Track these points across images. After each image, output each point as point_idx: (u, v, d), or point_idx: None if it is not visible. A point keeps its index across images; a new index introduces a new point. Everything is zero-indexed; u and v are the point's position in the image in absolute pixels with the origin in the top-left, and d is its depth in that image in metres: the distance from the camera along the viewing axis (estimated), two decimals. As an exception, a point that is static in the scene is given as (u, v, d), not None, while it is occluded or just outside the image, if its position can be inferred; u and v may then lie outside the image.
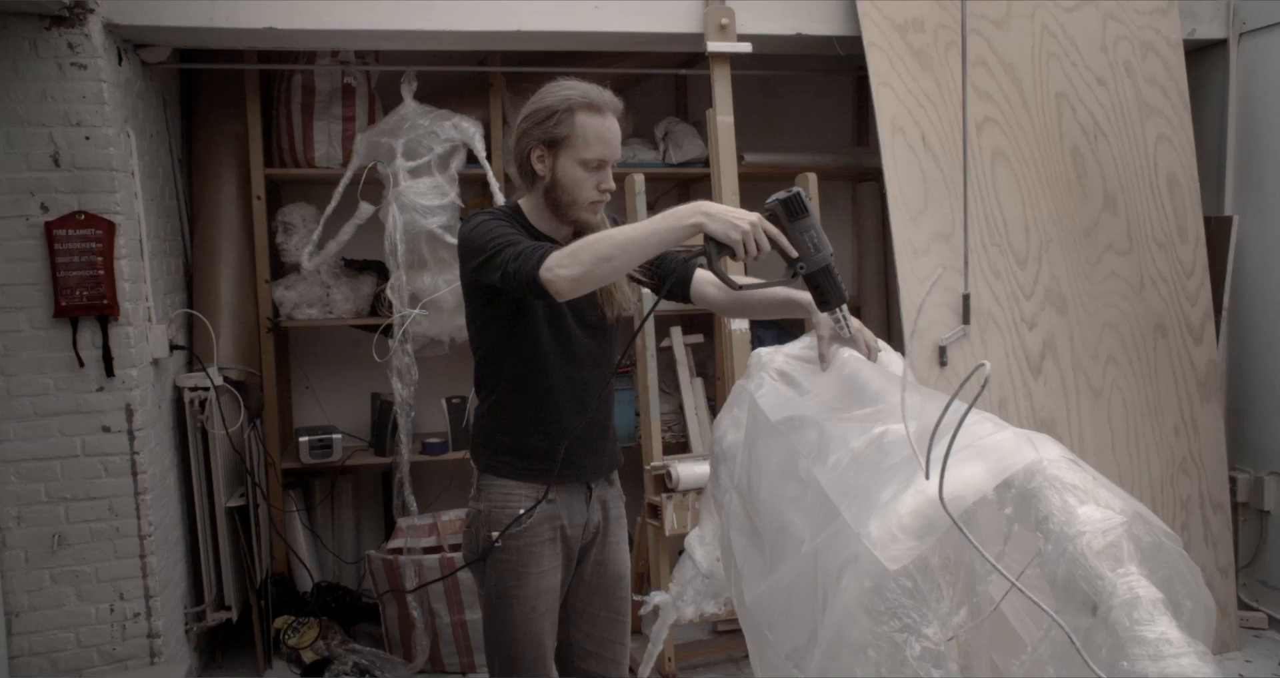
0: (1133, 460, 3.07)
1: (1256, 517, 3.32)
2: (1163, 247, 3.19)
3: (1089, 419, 3.05)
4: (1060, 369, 3.06)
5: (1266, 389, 3.29)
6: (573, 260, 1.59)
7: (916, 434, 1.36)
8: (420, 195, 3.20)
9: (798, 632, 1.32)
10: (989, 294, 3.04)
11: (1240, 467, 3.34)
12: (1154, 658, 0.93)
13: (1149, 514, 1.16)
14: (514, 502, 1.85)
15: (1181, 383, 3.15)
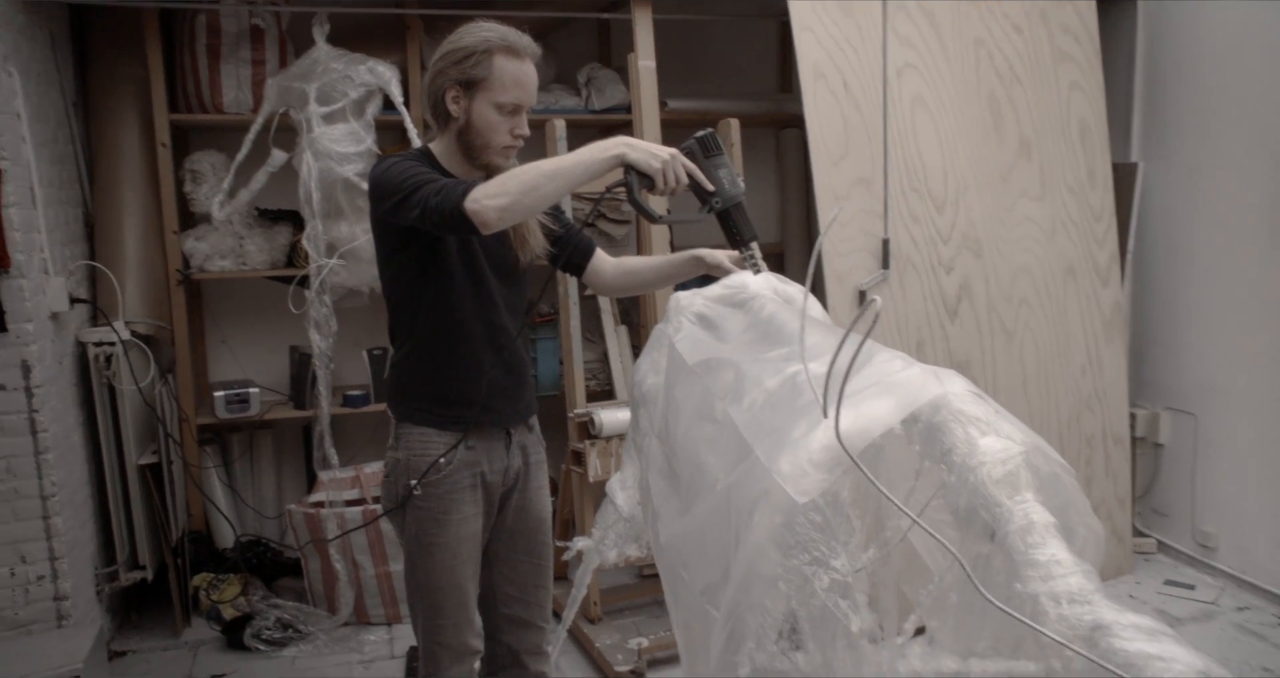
0: (1043, 399, 3.18)
1: (1152, 450, 3.48)
2: (1074, 192, 3.27)
3: (1002, 360, 3.15)
4: (976, 312, 3.13)
5: (1164, 330, 3.43)
6: (500, 191, 1.57)
7: (826, 372, 1.38)
8: (335, 142, 3.10)
9: (711, 569, 1.34)
10: (908, 239, 3.08)
11: (1139, 404, 3.49)
12: (1044, 579, 0.97)
13: (1046, 447, 1.20)
14: (432, 449, 1.83)
15: (1089, 324, 3.25)
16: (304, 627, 3.01)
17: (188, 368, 3.29)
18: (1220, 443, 3.25)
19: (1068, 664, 0.92)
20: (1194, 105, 3.30)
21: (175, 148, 3.29)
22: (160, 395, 3.09)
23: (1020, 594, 0.98)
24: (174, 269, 3.26)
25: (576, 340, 3.01)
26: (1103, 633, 0.89)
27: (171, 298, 3.27)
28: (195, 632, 3.07)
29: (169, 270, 3.26)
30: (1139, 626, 0.87)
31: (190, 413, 3.25)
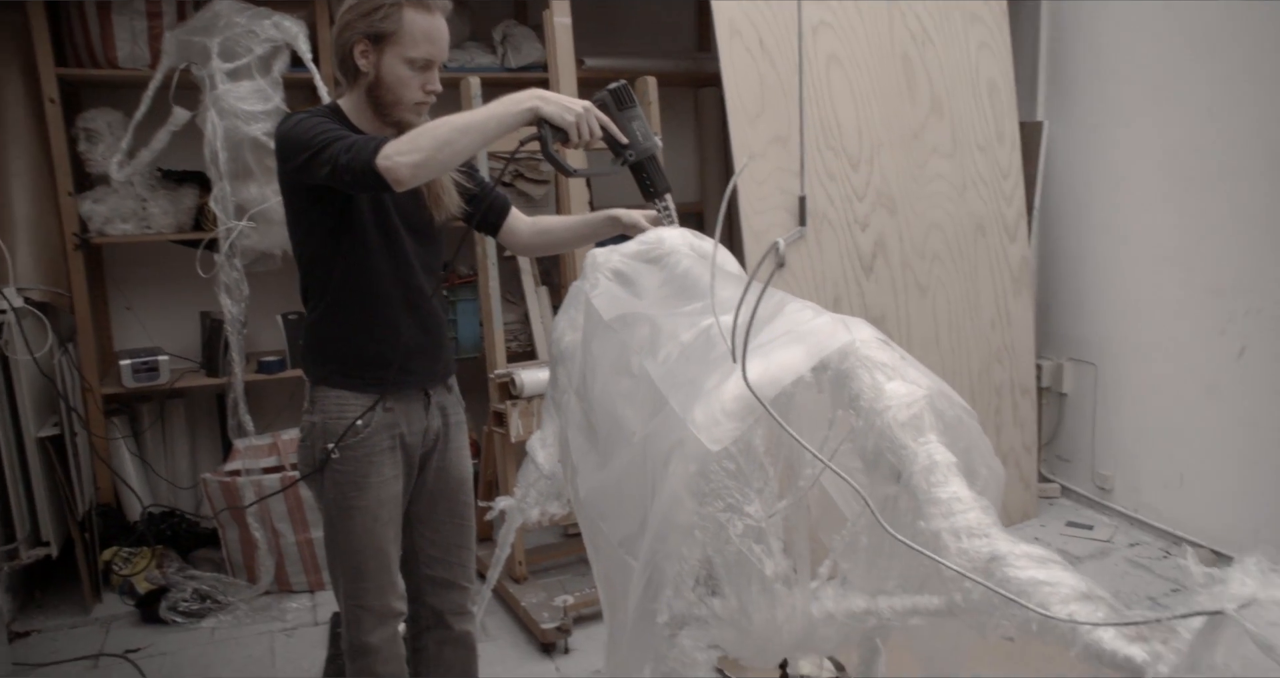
0: (955, 352, 3.28)
1: (1057, 399, 3.62)
2: (983, 150, 3.35)
3: (916, 315, 3.22)
4: (890, 268, 3.20)
5: (1069, 283, 3.56)
6: (412, 146, 1.54)
7: (739, 323, 1.40)
8: (241, 100, 2.99)
9: (629, 520, 1.35)
10: (824, 196, 3.12)
11: (1045, 355, 3.62)
12: (946, 515, 1.00)
13: (950, 391, 1.24)
14: (349, 412, 1.80)
15: (998, 279, 3.35)
16: (223, 597, 2.96)
17: (90, 336, 3.16)
18: (1118, 391, 3.40)
19: (967, 595, 0.96)
20: (1095, 66, 3.40)
21: (66, 105, 3.12)
22: (60, 365, 2.97)
23: (924, 531, 1.02)
24: (70, 233, 3.12)
25: (496, 301, 2.99)
26: (998, 563, 0.92)
27: (69, 263, 3.13)
28: (107, 608, 2.99)
29: (65, 234, 3.12)
30: (1030, 555, 0.91)
31: (94, 383, 3.13)
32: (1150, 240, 3.24)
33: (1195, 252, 3.08)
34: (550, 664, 2.60)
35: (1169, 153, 3.14)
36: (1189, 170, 3.08)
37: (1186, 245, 3.11)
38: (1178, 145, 3.11)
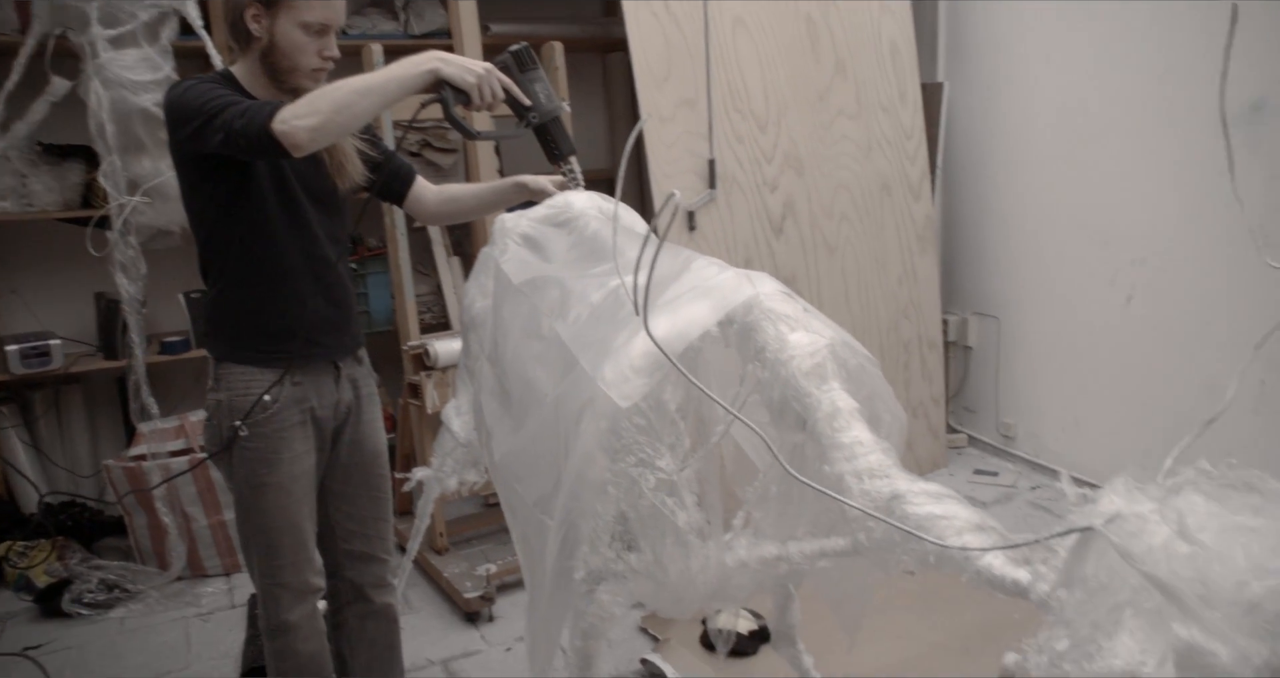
0: (864, 309, 3.35)
1: (962, 353, 3.75)
2: (886, 111, 3.41)
3: (826, 274, 3.29)
4: (800, 228, 3.25)
5: (971, 240, 3.67)
6: (310, 110, 1.49)
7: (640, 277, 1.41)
8: (127, 69, 2.85)
9: (544, 480, 1.36)
10: (733, 159, 3.14)
11: (950, 310, 3.74)
12: (849, 459, 1.03)
13: (853, 341, 1.27)
14: (256, 388, 1.76)
15: (904, 237, 3.44)
16: (132, 586, 2.87)
17: (-28, 322, 3.01)
18: (1018, 343, 3.53)
19: (870, 534, 0.99)
20: (991, 28, 3.49)
21: (-71, 73, 2.94)
22: (-60, 353, 2.82)
23: (828, 475, 1.05)
24: (-57, 213, 2.95)
25: (407, 272, 2.94)
26: (898, 501, 0.96)
27: (-56, 245, 2.96)
28: (4, 603, 2.87)
29: (-65, 214, 2.95)
30: (928, 492, 0.95)
31: (-21, 370, 2.98)
32: (1045, 197, 3.36)
33: (1085, 206, 3.21)
34: (475, 633, 2.61)
35: (1060, 112, 3.25)
36: (1078, 128, 3.19)
37: (1077, 200, 3.23)
38: (1068, 104, 3.21)
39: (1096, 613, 0.68)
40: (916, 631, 2.42)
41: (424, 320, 3.41)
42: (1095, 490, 0.74)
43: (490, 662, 2.46)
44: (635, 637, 2.52)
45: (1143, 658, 0.64)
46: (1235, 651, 0.61)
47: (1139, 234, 3.04)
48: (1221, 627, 0.62)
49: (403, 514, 3.10)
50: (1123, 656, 0.65)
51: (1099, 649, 0.66)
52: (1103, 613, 0.68)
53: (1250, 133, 2.64)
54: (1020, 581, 0.81)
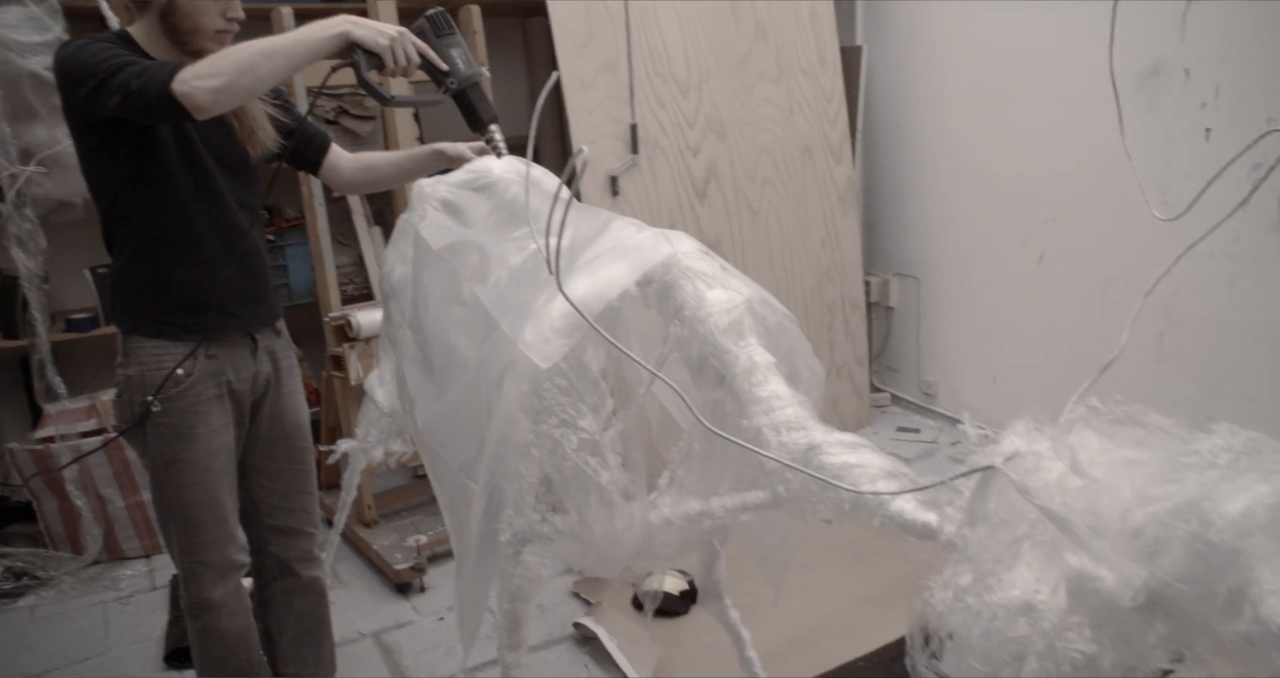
0: (788, 272, 3.39)
1: (885, 313, 3.83)
2: (807, 74, 3.43)
3: (750, 238, 3.31)
4: (723, 192, 3.26)
5: (892, 202, 3.73)
6: (212, 70, 1.44)
7: (567, 245, 1.40)
8: (12, 30, 2.71)
9: (468, 445, 1.35)
10: (655, 124, 3.13)
11: (872, 272, 3.81)
12: (766, 412, 1.05)
13: (771, 299, 1.29)
14: (168, 361, 1.71)
15: (826, 200, 3.48)
16: (43, 572, 2.78)
17: None
18: (938, 302, 3.62)
19: (789, 485, 1.01)
20: (908, -11, 3.53)
21: None
22: None
23: (746, 429, 1.06)
24: None
25: (326, 243, 2.87)
26: (815, 452, 0.98)
27: None
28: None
29: None
30: (843, 442, 0.97)
31: None
32: (960, 158, 3.43)
33: (998, 167, 3.28)
34: (406, 604, 2.60)
35: (974, 74, 3.31)
36: (991, 90, 3.26)
37: (990, 162, 3.31)
38: (981, 67, 3.28)
39: (997, 548, 0.71)
40: (845, 584, 2.49)
41: (346, 292, 3.34)
42: (999, 434, 0.76)
43: (423, 632, 2.45)
44: (568, 602, 2.54)
45: (1038, 587, 0.67)
46: (1119, 574, 0.65)
47: (1048, 194, 3.12)
48: (1108, 553, 0.65)
49: (330, 488, 3.06)
50: (1020, 586, 0.68)
51: (998, 581, 0.69)
52: (1003, 547, 0.71)
53: (1149, 95, 2.73)
54: (930, 523, 0.84)
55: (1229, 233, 2.61)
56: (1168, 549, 0.63)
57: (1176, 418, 0.71)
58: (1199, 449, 0.66)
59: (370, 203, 3.53)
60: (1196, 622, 0.63)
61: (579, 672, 2.25)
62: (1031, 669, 0.66)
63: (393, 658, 2.34)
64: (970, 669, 0.69)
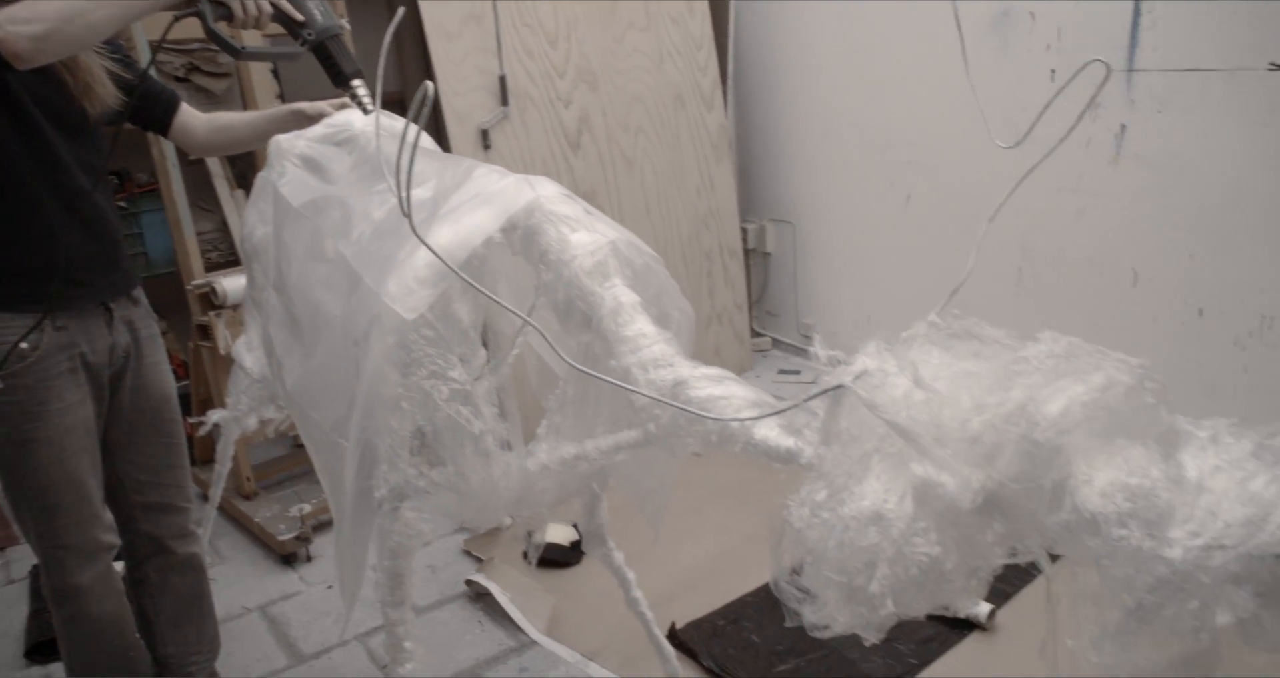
0: (665, 221, 3.41)
1: (762, 259, 3.90)
2: (675, 22, 3.42)
3: (625, 188, 3.31)
4: (596, 143, 3.24)
5: (765, 148, 3.78)
6: (32, 15, 1.33)
7: (430, 195, 1.38)
8: None
9: (338, 404, 1.32)
10: (524, 74, 3.07)
11: (749, 218, 3.86)
12: (633, 351, 1.06)
13: (638, 240, 1.29)
14: (10, 335, 1.60)
15: (699, 148, 3.50)
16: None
17: None
18: (814, 246, 3.70)
19: (658, 421, 1.03)
20: (772, -65, 3.54)
21: None
22: None
23: (615, 368, 1.07)
24: None
25: (184, 208, 2.73)
26: (682, 387, 0.99)
27: None
28: None
29: None
30: (708, 376, 0.99)
31: None
32: (829, 104, 3.49)
33: (864, 112, 3.36)
34: (293, 575, 2.54)
35: (839, 19, 3.36)
36: (855, 36, 3.32)
37: (857, 107, 3.38)
38: (846, 12, 3.33)
39: (849, 463, 0.74)
40: (732, 524, 2.56)
41: (210, 259, 3.19)
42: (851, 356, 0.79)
43: (311, 602, 2.41)
44: (459, 560, 2.54)
45: (886, 497, 0.71)
46: (959, 479, 0.68)
47: (911, 137, 3.22)
48: (949, 460, 0.69)
49: (206, 463, 2.95)
50: (870, 497, 0.71)
51: (850, 495, 0.72)
52: (854, 462, 0.74)
53: (1001, 37, 2.83)
54: (792, 448, 0.87)
55: (1073, 169, 2.76)
56: (1001, 452, 0.67)
57: (1007, 329, 0.75)
58: (1026, 356, 0.70)
59: (232, 165, 3.36)
60: (1027, 517, 0.68)
61: (473, 629, 2.25)
62: (883, 575, 0.69)
63: (280, 630, 2.30)
64: (827, 581, 0.73)
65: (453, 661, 2.14)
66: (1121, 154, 2.66)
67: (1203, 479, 0.61)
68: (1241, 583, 0.58)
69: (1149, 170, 2.62)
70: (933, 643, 2.10)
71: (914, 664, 2.04)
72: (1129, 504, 0.61)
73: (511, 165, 3.03)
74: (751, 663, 2.05)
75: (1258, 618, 0.58)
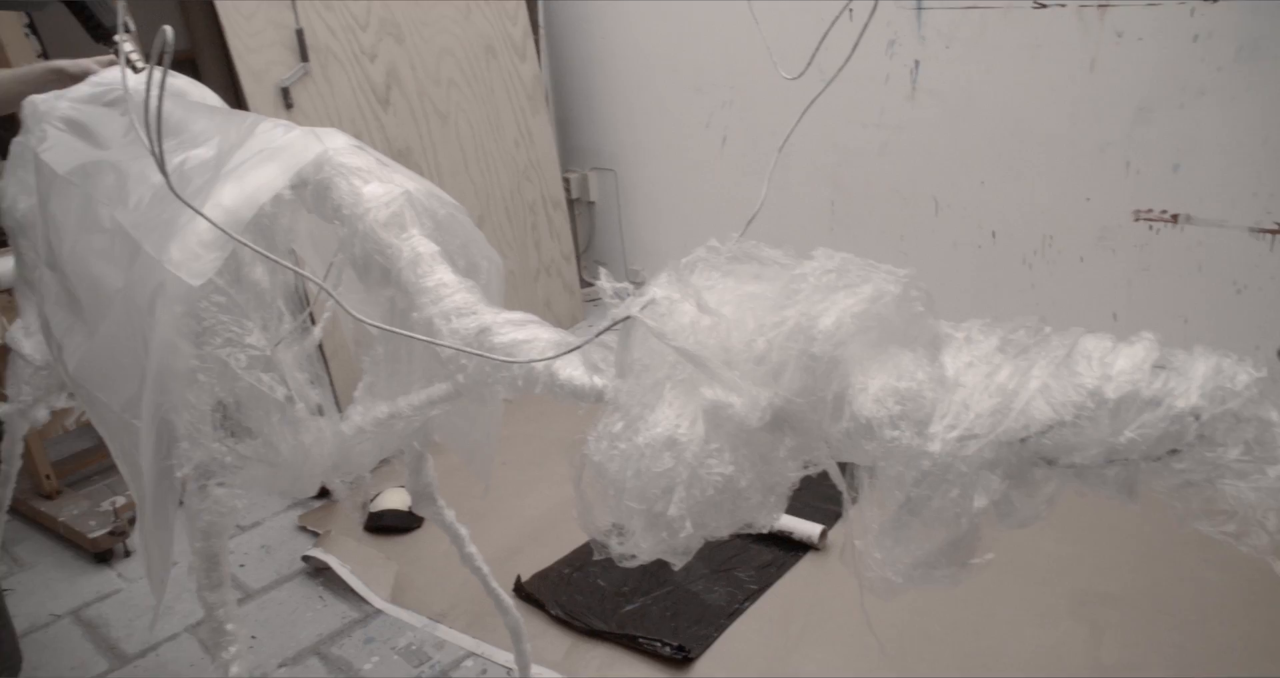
0: (484, 175, 3.34)
1: (587, 209, 3.89)
2: (480, -31, 3.31)
3: (441, 142, 3.21)
4: (407, 98, 3.12)
5: (582, 97, 3.75)
6: None
7: (213, 154, 1.29)
8: None
9: (128, 382, 1.23)
10: (324, 28, 2.91)
11: (570, 168, 3.84)
12: (435, 302, 1.03)
13: (440, 192, 1.25)
14: None
15: (515, 99, 3.43)
16: None
17: None
18: (636, 193, 3.72)
19: (465, 371, 1.01)
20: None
21: None
22: None
23: (417, 320, 1.04)
24: None
25: (-61, 184, 2.45)
26: (485, 334, 0.97)
27: None
28: None
29: None
30: (511, 320, 0.97)
31: None
32: (642, 50, 3.49)
33: (678, 55, 3.38)
34: (110, 573, 2.38)
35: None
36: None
37: (670, 52, 3.39)
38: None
39: (643, 392, 0.75)
40: (573, 472, 2.58)
41: (-20, 241, 2.90)
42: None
43: (134, 598, 2.26)
44: (295, 537, 2.45)
45: (678, 422, 0.72)
46: (747, 398, 0.70)
47: (723, 79, 3.27)
48: (737, 381, 0.71)
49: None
50: (662, 424, 0.72)
51: (645, 423, 0.73)
52: (647, 391, 0.75)
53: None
54: (596, 385, 0.87)
55: (875, 104, 2.87)
56: (785, 369, 0.69)
57: (785, 248, 0.77)
58: (804, 273, 0.72)
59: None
60: (814, 430, 0.71)
61: (314, 605, 2.19)
62: (680, 498, 0.71)
63: (99, 633, 2.14)
64: (629, 510, 0.74)
65: (294, 640, 2.07)
66: (917, 89, 2.79)
67: (958, 376, 0.65)
68: (994, 468, 0.62)
69: (942, 104, 2.76)
70: (771, 568, 2.20)
71: (754, 590, 2.13)
72: (899, 407, 0.65)
73: (318, 124, 2.87)
74: (599, 607, 2.09)
75: (1008, 498, 0.63)
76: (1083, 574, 2.11)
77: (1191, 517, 0.57)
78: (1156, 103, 2.42)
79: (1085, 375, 0.60)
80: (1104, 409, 0.58)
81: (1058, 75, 2.54)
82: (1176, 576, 2.07)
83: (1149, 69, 2.41)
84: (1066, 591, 2.07)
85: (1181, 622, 1.94)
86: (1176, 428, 0.56)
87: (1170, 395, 0.57)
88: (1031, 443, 0.61)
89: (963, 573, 0.66)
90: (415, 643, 2.05)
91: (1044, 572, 2.11)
